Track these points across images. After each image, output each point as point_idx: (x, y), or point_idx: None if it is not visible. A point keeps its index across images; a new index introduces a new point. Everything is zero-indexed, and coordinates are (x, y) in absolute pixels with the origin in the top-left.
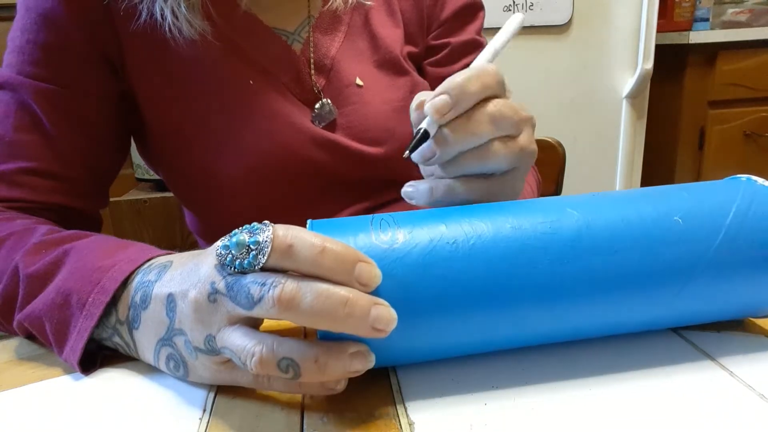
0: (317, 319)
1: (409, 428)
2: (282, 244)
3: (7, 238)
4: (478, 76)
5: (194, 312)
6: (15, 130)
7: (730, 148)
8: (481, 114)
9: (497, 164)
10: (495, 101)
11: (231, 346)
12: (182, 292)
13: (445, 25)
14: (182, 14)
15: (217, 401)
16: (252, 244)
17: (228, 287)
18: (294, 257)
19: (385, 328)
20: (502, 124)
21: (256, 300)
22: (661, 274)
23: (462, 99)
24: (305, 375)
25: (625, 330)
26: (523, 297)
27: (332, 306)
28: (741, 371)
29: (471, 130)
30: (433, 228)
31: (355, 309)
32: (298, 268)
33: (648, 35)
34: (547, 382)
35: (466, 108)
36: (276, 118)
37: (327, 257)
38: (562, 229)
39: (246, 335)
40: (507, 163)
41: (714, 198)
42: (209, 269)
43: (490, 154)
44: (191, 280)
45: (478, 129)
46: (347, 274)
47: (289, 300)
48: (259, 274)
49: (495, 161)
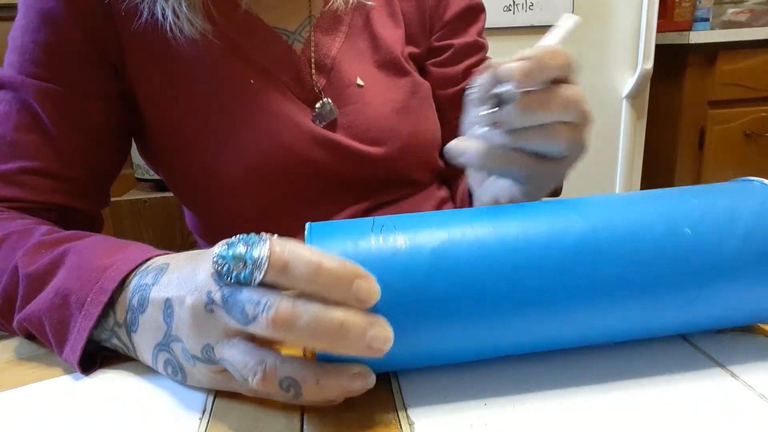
0: (312, 340)
1: (409, 428)
2: (278, 262)
3: (7, 237)
4: (556, 52)
5: (191, 320)
6: (15, 129)
7: (730, 148)
8: (557, 93)
9: (558, 147)
10: (569, 85)
11: (231, 360)
12: (179, 299)
13: (448, 27)
14: (183, 13)
15: (217, 402)
16: (249, 260)
17: (224, 300)
18: (290, 275)
19: (381, 347)
20: (572, 109)
21: (250, 318)
22: (675, 285)
23: (544, 70)
24: (306, 395)
25: (633, 337)
26: (529, 307)
27: (327, 329)
28: (750, 378)
29: (547, 105)
30: (435, 234)
31: (350, 332)
32: (294, 285)
33: (648, 35)
34: (548, 384)
35: (546, 80)
36: (276, 117)
37: (324, 276)
38: (569, 238)
39: (247, 352)
40: (566, 149)
41: (728, 203)
42: (206, 277)
43: (556, 134)
44: (188, 286)
45: (553, 106)
46: (344, 292)
47: (284, 322)
48: (255, 291)
49: (557, 143)
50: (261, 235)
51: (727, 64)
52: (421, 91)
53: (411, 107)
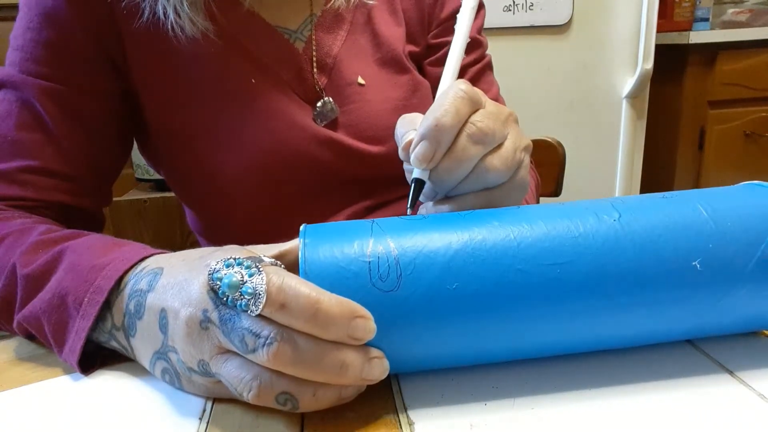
0: (310, 377)
1: (409, 428)
2: (276, 300)
3: (5, 237)
4: (449, 107)
5: (185, 335)
6: (17, 128)
7: (730, 148)
8: (463, 140)
9: (496, 177)
10: (473, 119)
11: (226, 375)
12: (173, 311)
13: (444, 24)
14: (185, 12)
15: (217, 402)
16: (245, 293)
17: (221, 321)
18: (287, 314)
19: (376, 379)
20: (487, 140)
21: (250, 349)
22: (685, 303)
23: (441, 138)
24: (303, 407)
25: (638, 344)
26: (537, 318)
27: (328, 368)
28: (756, 383)
29: (460, 161)
30: (433, 244)
31: (348, 371)
32: (290, 324)
33: (648, 35)
34: (549, 386)
35: (449, 143)
36: (278, 116)
37: (321, 317)
38: (578, 269)
39: (242, 367)
40: (505, 173)
41: (749, 209)
42: (201, 292)
43: (485, 172)
44: (181, 297)
45: (466, 156)
46: (341, 331)
47: (283, 359)
48: (254, 322)
49: (493, 176)
50: (256, 262)
51: (727, 64)
52: (422, 90)
53: (411, 105)
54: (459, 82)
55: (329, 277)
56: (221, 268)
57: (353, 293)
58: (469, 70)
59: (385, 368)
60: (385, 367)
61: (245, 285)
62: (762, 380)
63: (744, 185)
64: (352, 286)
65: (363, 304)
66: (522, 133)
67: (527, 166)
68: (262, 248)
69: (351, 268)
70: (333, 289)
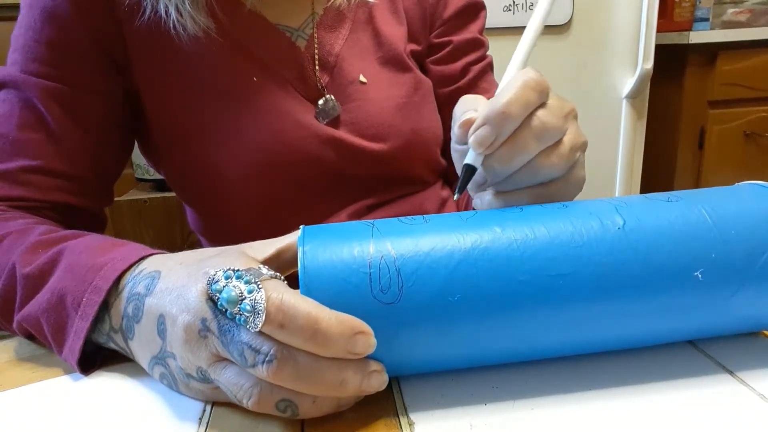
0: (308, 390)
1: (409, 428)
2: (274, 322)
3: (6, 237)
4: (518, 96)
5: (183, 343)
6: (19, 128)
7: (730, 148)
8: (525, 132)
9: (550, 174)
10: (539, 113)
11: (225, 382)
12: (172, 317)
13: (447, 24)
14: (186, 11)
15: (216, 403)
16: (243, 309)
17: (221, 332)
18: (287, 332)
19: (375, 391)
20: (547, 137)
21: (250, 364)
22: (690, 307)
23: (505, 126)
24: (302, 414)
25: (639, 346)
26: (534, 342)
27: (328, 384)
28: (758, 384)
29: (517, 153)
30: (434, 249)
31: (347, 386)
32: (290, 342)
33: (648, 35)
34: (549, 386)
35: (509, 134)
36: (280, 114)
37: (321, 336)
38: (581, 280)
39: (241, 374)
40: (560, 170)
41: (753, 213)
42: (199, 300)
43: (540, 167)
44: (179, 304)
45: (524, 149)
46: (341, 348)
47: (282, 375)
48: (253, 337)
49: (547, 172)
50: (255, 277)
51: (727, 64)
52: (423, 88)
53: (413, 104)
54: (529, 70)
55: (330, 290)
56: (220, 279)
57: (354, 306)
58: (471, 70)
59: (384, 380)
60: (384, 380)
61: (244, 302)
62: (762, 380)
63: (747, 184)
64: (353, 299)
65: (364, 316)
66: (580, 130)
67: (583, 163)
68: (259, 245)
69: (352, 279)
70: (333, 302)
